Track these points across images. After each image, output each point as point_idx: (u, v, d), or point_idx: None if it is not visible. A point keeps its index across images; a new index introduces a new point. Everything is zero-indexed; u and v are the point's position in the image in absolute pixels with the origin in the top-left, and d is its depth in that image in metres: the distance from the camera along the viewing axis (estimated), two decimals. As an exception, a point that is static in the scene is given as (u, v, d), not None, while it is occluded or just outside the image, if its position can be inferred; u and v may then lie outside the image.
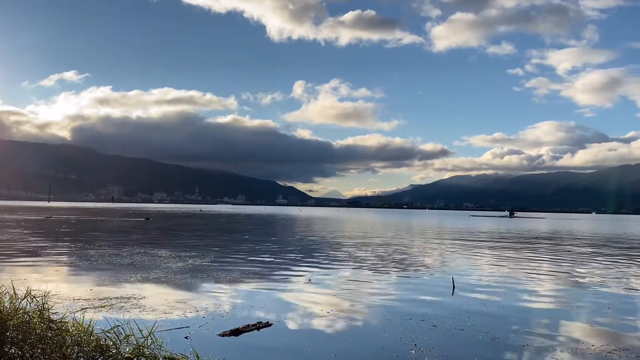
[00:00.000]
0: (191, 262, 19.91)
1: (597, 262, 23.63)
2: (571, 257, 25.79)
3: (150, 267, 17.99)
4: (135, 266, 18.31)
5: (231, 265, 19.36)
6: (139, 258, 20.77)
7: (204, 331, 9.51)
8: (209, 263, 19.82)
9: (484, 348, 8.96)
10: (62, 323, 6.82)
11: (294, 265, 20.19)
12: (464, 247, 31.35)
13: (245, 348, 8.72)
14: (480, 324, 10.61)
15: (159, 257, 21.17)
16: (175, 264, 19.03)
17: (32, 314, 6.81)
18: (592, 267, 21.54)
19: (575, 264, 22.57)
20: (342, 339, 9.44)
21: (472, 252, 27.87)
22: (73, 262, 19.47)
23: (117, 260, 20.05)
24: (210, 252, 23.86)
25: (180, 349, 6.86)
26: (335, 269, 19.13)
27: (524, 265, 21.61)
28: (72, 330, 6.55)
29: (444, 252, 27.09)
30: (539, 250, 30.16)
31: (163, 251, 23.73)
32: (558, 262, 23.47)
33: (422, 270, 19.45)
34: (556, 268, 21.05)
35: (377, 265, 20.73)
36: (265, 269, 18.76)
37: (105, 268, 17.74)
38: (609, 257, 26.71)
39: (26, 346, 6.16)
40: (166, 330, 9.05)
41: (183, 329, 9.54)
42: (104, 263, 19.10)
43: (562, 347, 9.10)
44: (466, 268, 20.40)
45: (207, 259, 21.20)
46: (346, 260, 22.36)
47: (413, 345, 8.96)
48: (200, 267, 18.62)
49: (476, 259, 23.98)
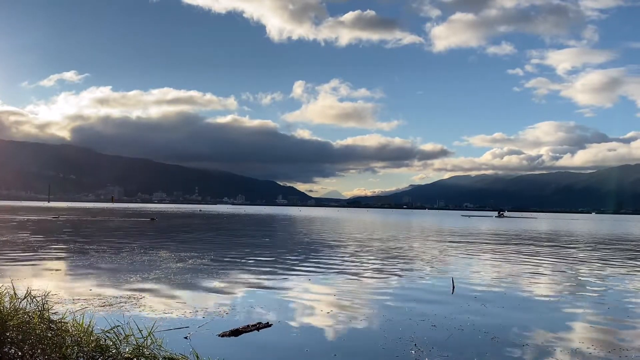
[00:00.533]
0: (191, 262, 19.93)
1: (597, 262, 23.64)
2: (570, 257, 25.81)
3: (149, 267, 18.01)
4: (135, 266, 18.32)
5: (231, 265, 19.37)
6: (138, 258, 20.79)
7: (204, 331, 9.52)
8: (209, 263, 19.84)
9: (484, 348, 8.98)
10: (62, 323, 6.83)
11: (293, 265, 20.20)
12: (463, 246, 31.36)
13: (245, 348, 8.74)
14: (480, 324, 10.63)
15: (159, 257, 21.18)
16: (174, 264, 19.04)
17: (32, 314, 6.82)
18: (591, 267, 21.56)
19: (574, 264, 22.59)
20: (342, 339, 9.46)
21: (471, 252, 27.88)
22: (73, 262, 19.48)
23: (117, 260, 20.06)
24: (210, 252, 23.88)
25: (180, 349, 6.88)
26: (335, 269, 19.14)
27: (524, 265, 21.62)
28: (72, 331, 6.56)
29: (443, 252, 27.10)
30: (537, 250, 30.18)
31: (163, 251, 23.74)
32: (556, 262, 23.48)
33: (422, 270, 19.47)
34: (555, 268, 21.07)
35: (376, 265, 20.74)
36: (265, 269, 18.77)
37: (106, 268, 17.75)
38: (608, 257, 26.72)
39: (26, 346, 6.18)
40: (166, 331, 9.07)
41: (183, 329, 9.55)
42: (104, 263, 19.12)
43: (563, 347, 9.12)
44: (466, 268, 20.42)
45: (207, 259, 21.22)
46: (346, 260, 22.38)
47: (413, 345, 8.98)
48: (200, 267, 18.63)
49: (476, 259, 23.99)
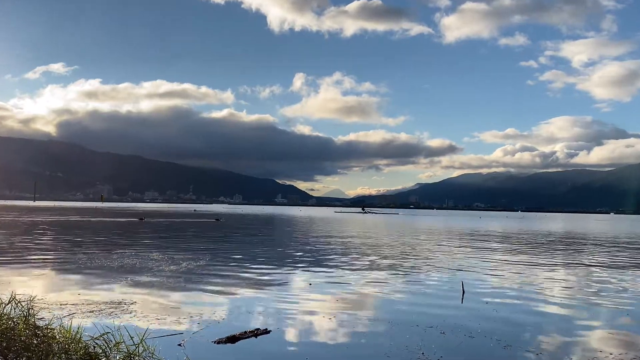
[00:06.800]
0: (185, 265, 19.93)
1: (616, 266, 23.60)
2: (587, 260, 25.76)
3: (141, 270, 18.01)
4: (126, 269, 18.32)
5: (227, 269, 19.37)
6: (129, 260, 20.79)
7: (199, 338, 9.51)
8: (204, 266, 19.84)
9: (495, 357, 8.96)
10: (48, 330, 6.83)
11: (293, 268, 20.20)
12: (473, 248, 31.34)
13: (242, 356, 8.72)
14: (492, 331, 10.60)
15: (151, 260, 21.19)
16: (168, 267, 19.05)
17: (17, 320, 6.82)
18: (611, 271, 21.51)
19: (592, 267, 22.55)
20: (344, 347, 9.44)
21: (482, 253, 27.86)
22: (60, 265, 19.49)
23: (106, 262, 20.06)
24: (205, 255, 23.89)
25: (173, 357, 6.87)
26: (338, 272, 19.13)
27: (539, 268, 21.59)
28: (59, 338, 6.55)
29: (452, 254, 27.08)
30: (553, 252, 30.15)
31: (155, 253, 23.75)
32: (573, 264, 23.44)
33: (430, 273, 19.45)
34: (572, 271, 21.03)
35: (381, 268, 20.72)
36: (263, 272, 18.77)
37: (95, 271, 17.75)
38: (628, 260, 26.68)
39: (10, 354, 6.17)
40: (158, 337, 9.06)
41: (176, 336, 9.54)
42: (93, 266, 19.12)
43: (580, 356, 9.09)
44: (477, 270, 20.39)
45: (202, 261, 21.22)
46: (349, 263, 22.37)
47: (420, 353, 8.96)
48: (195, 270, 18.63)
49: (487, 261, 23.96)
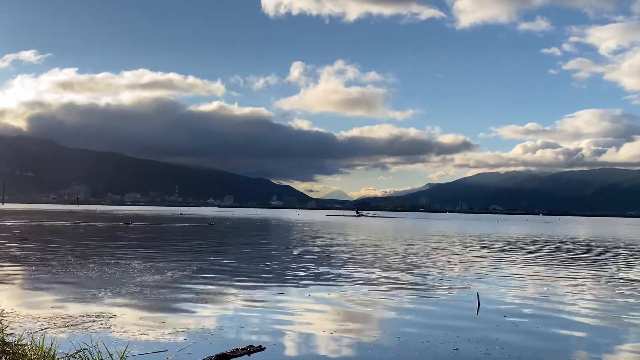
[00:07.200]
0: (170, 274, 19.96)
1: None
2: (617, 270, 25.78)
3: (122, 281, 18.02)
4: (105, 279, 18.34)
5: (217, 279, 19.39)
6: (108, 269, 20.82)
7: (185, 356, 9.52)
8: (191, 275, 19.86)
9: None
10: (18, 346, 6.84)
11: (290, 278, 20.22)
12: (490, 255, 31.36)
13: (234, 375, 8.73)
14: (511, 347, 10.62)
15: (132, 269, 21.21)
16: (151, 277, 19.07)
17: (-16, 335, 6.82)
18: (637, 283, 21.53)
19: (621, 277, 22.55)
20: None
21: (500, 262, 27.88)
22: (32, 275, 19.51)
23: (83, 272, 20.09)
24: (192, 263, 23.91)
25: (157, 377, 6.88)
26: (339, 283, 19.15)
27: (562, 278, 21.60)
28: (30, 355, 6.56)
29: (466, 263, 27.10)
30: (578, 260, 30.18)
31: (137, 261, 23.78)
32: (600, 274, 23.45)
33: (443, 283, 19.46)
34: (599, 282, 21.04)
35: (388, 278, 20.74)
36: (256, 282, 18.79)
37: (70, 281, 17.78)
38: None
39: (-24, 373, 6.17)
40: (140, 355, 9.07)
41: (160, 353, 9.56)
42: (68, 276, 19.14)
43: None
44: (494, 281, 20.40)
45: (189, 270, 21.24)
46: (351, 272, 22.38)
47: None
48: (181, 280, 18.65)
49: (506, 271, 23.97)
